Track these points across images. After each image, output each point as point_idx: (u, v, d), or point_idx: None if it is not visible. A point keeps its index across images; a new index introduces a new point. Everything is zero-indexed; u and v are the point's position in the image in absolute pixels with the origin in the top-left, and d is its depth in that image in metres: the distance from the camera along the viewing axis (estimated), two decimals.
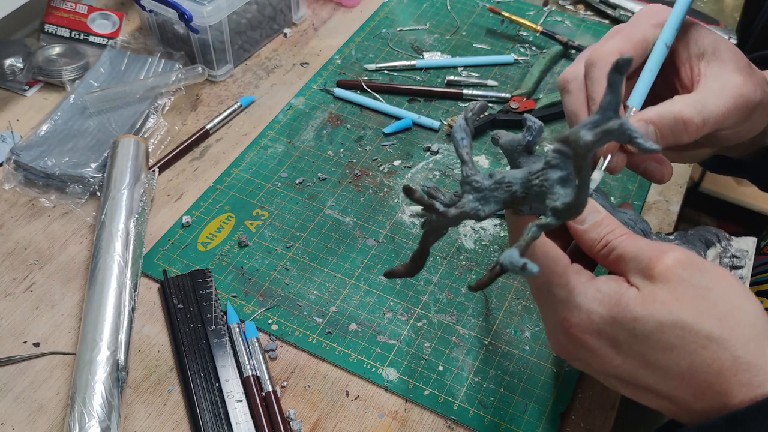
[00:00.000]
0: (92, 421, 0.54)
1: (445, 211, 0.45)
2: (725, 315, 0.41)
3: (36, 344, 0.62)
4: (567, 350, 0.46)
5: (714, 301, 0.41)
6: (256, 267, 0.68)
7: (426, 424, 0.58)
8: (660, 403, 0.44)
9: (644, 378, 0.43)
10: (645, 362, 0.42)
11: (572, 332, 0.44)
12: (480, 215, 0.46)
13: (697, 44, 0.52)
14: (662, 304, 0.41)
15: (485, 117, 0.81)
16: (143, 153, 0.74)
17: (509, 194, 0.45)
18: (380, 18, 0.98)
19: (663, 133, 0.49)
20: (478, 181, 0.46)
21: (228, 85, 0.88)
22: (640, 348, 0.42)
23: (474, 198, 0.46)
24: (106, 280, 0.63)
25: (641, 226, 0.51)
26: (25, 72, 0.85)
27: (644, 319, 0.41)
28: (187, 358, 0.60)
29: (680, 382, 0.42)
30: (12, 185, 0.74)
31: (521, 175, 0.45)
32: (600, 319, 0.43)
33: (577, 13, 1.00)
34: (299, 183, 0.76)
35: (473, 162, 0.47)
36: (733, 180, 1.63)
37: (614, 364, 0.43)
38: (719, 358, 0.40)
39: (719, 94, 0.49)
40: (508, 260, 0.41)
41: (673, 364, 0.41)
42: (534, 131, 0.48)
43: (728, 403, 0.40)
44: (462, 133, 0.48)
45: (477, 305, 0.66)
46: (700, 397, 0.41)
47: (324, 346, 0.62)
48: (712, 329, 0.40)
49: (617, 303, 0.42)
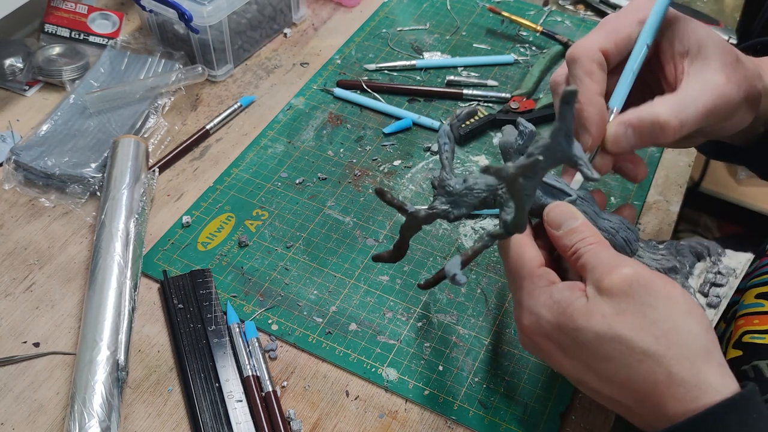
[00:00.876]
0: (92, 421, 0.54)
1: (416, 211, 0.49)
2: (664, 333, 0.42)
3: (36, 344, 0.62)
4: (528, 348, 0.50)
5: (654, 319, 0.43)
6: (256, 267, 0.68)
7: (426, 424, 0.58)
8: (613, 405, 0.46)
9: (590, 381, 0.45)
10: (588, 367, 0.45)
11: (524, 332, 0.48)
12: (449, 217, 0.50)
13: (681, 42, 0.52)
14: (603, 317, 0.43)
15: (485, 117, 0.81)
16: (143, 153, 0.74)
17: (478, 200, 0.49)
18: (380, 18, 0.98)
19: (642, 136, 0.50)
20: (451, 186, 0.49)
21: (228, 85, 0.88)
22: (582, 355, 0.45)
23: (446, 200, 0.50)
24: (106, 280, 0.63)
25: (624, 234, 0.52)
26: (25, 72, 0.85)
27: (584, 329, 0.44)
28: (187, 358, 0.60)
29: (621, 389, 0.44)
30: (12, 185, 0.74)
31: (492, 182, 0.49)
32: (547, 324, 0.46)
33: (577, 13, 1.00)
34: (299, 183, 0.76)
35: (451, 167, 0.50)
36: (733, 180, 1.63)
37: (564, 365, 0.46)
38: (654, 373, 0.42)
39: (698, 95, 0.49)
40: (449, 267, 0.45)
41: (611, 374, 0.44)
42: (526, 135, 0.50)
43: (666, 413, 0.42)
44: (445, 138, 0.51)
45: (477, 305, 0.66)
46: (640, 404, 0.43)
47: (324, 346, 0.62)
48: (648, 346, 0.42)
49: (563, 312, 0.45)
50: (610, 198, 0.75)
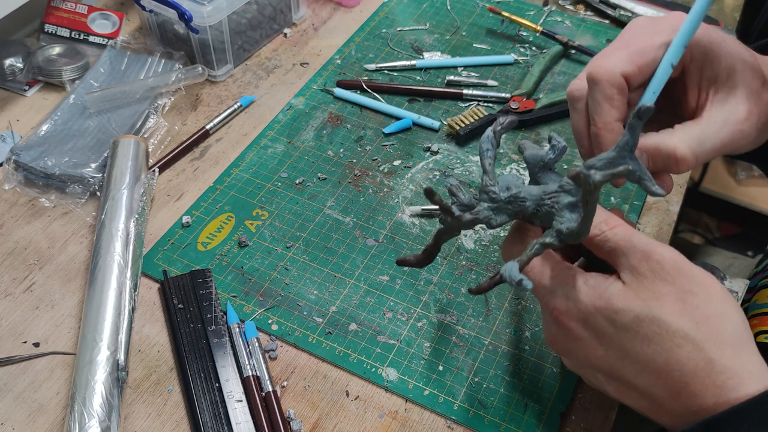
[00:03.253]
0: (92, 421, 0.54)
1: (460, 215, 0.49)
2: (704, 319, 0.42)
3: (36, 344, 0.62)
4: (557, 340, 0.49)
5: (695, 305, 0.42)
6: (256, 267, 0.68)
7: (426, 424, 0.58)
8: (640, 402, 0.45)
9: (623, 371, 0.44)
10: (624, 354, 0.44)
11: (561, 319, 0.47)
12: (492, 224, 0.50)
13: (712, 68, 0.50)
14: (643, 300, 0.43)
15: (485, 117, 0.81)
16: (143, 153, 0.74)
17: (522, 209, 0.49)
18: (380, 18, 0.98)
19: (655, 163, 0.50)
20: (495, 193, 0.49)
21: (228, 85, 0.88)
22: (620, 339, 0.44)
23: (488, 207, 0.49)
24: (106, 280, 0.63)
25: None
26: (25, 72, 0.85)
27: (624, 311, 0.43)
28: (187, 358, 0.60)
29: (656, 378, 0.43)
30: (12, 185, 0.74)
31: (536, 192, 0.49)
32: (584, 308, 0.45)
33: (577, 13, 1.00)
34: (299, 183, 0.76)
35: (494, 173, 0.50)
36: (733, 180, 1.63)
37: (597, 354, 0.45)
38: (694, 359, 0.41)
39: (719, 130, 0.49)
40: (507, 273, 0.45)
41: (649, 358, 0.43)
42: (557, 150, 0.51)
43: (702, 404, 0.41)
44: (488, 144, 0.51)
45: (477, 305, 0.66)
46: (675, 396, 0.43)
47: (324, 346, 0.62)
48: (689, 330, 0.42)
49: (600, 295, 0.44)
50: (610, 198, 0.75)
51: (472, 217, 0.49)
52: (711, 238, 1.70)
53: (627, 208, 0.74)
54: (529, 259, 0.46)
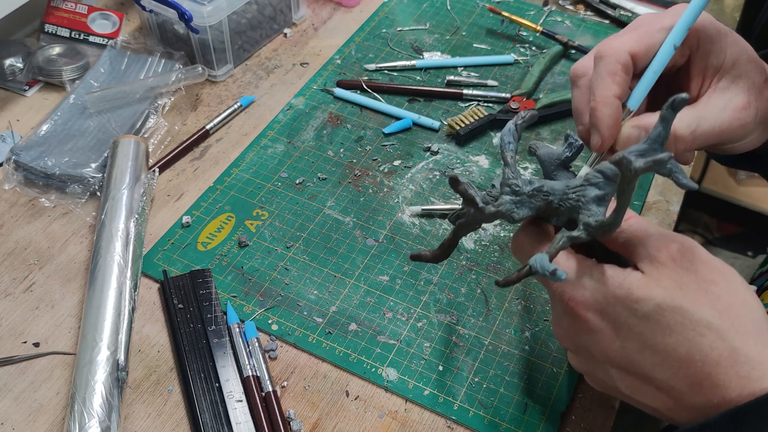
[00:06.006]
0: (92, 421, 0.54)
1: (484, 207, 0.47)
2: (726, 308, 0.41)
3: (36, 344, 0.62)
4: (570, 334, 0.47)
5: (717, 294, 0.41)
6: (256, 267, 0.68)
7: (426, 424, 0.58)
8: (657, 398, 0.44)
9: (642, 363, 0.43)
10: (644, 345, 0.43)
11: (577, 310, 0.45)
12: (514, 217, 0.48)
13: (717, 57, 0.51)
14: (664, 289, 0.42)
15: (485, 117, 0.81)
16: (143, 153, 0.74)
17: (545, 203, 0.48)
18: (380, 18, 0.98)
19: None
20: (518, 186, 0.48)
21: (228, 85, 0.88)
22: (640, 329, 0.42)
23: (511, 200, 0.48)
24: (106, 280, 0.63)
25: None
26: (25, 72, 0.85)
27: (645, 300, 0.42)
28: (187, 358, 0.60)
29: (677, 370, 0.42)
30: (12, 185, 0.74)
31: (560, 187, 0.48)
32: (603, 298, 0.44)
33: (577, 13, 1.00)
34: (299, 183, 0.76)
35: (516, 166, 0.49)
36: (733, 180, 1.63)
37: (614, 347, 0.44)
38: (717, 348, 0.40)
39: (718, 114, 0.49)
40: (538, 264, 0.43)
41: (670, 349, 0.42)
42: (575, 148, 0.50)
43: (725, 396, 0.40)
44: (510, 137, 0.50)
45: (477, 305, 0.66)
46: (696, 389, 0.41)
47: (324, 346, 0.62)
48: (711, 319, 0.41)
49: (620, 285, 0.43)
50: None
51: (495, 209, 0.47)
52: (711, 238, 1.70)
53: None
54: (557, 251, 0.44)
